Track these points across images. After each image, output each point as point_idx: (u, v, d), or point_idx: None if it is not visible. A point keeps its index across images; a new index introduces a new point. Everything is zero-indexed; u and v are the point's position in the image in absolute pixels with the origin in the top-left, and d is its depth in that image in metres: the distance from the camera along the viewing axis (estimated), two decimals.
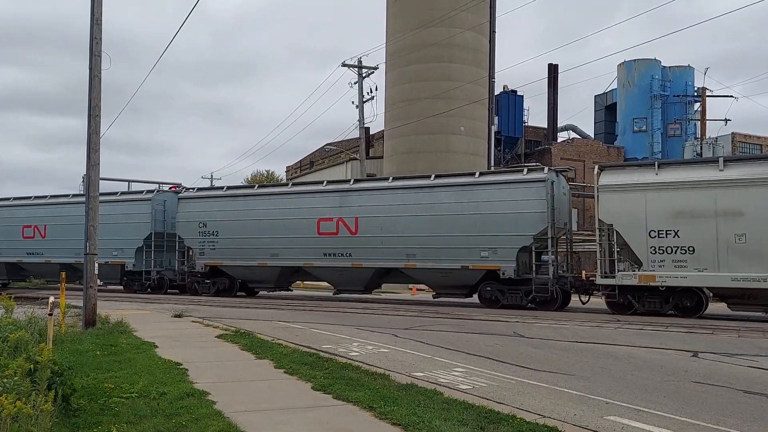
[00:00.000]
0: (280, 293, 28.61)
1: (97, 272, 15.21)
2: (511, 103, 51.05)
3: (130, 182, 50.07)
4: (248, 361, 10.12)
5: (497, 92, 47.54)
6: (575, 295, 21.97)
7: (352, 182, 25.83)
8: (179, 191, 31.41)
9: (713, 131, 48.45)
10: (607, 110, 61.02)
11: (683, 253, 18.47)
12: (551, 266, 21.21)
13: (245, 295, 28.08)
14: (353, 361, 9.90)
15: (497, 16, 45.28)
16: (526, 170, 22.63)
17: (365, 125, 40.46)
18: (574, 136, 59.13)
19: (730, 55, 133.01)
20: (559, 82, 54.42)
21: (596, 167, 21.02)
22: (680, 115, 54.32)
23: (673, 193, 18.80)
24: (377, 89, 39.74)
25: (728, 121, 46.86)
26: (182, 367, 9.24)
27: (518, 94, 51.61)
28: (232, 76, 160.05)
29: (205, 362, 9.85)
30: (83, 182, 32.14)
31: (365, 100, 38.90)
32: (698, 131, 48.00)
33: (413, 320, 17.19)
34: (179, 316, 17.13)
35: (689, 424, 6.49)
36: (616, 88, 58.32)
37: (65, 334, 12.63)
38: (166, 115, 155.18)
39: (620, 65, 56.38)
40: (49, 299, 10.13)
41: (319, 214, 24.78)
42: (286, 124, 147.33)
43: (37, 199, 34.29)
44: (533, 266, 21.38)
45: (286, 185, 27.23)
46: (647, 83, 54.35)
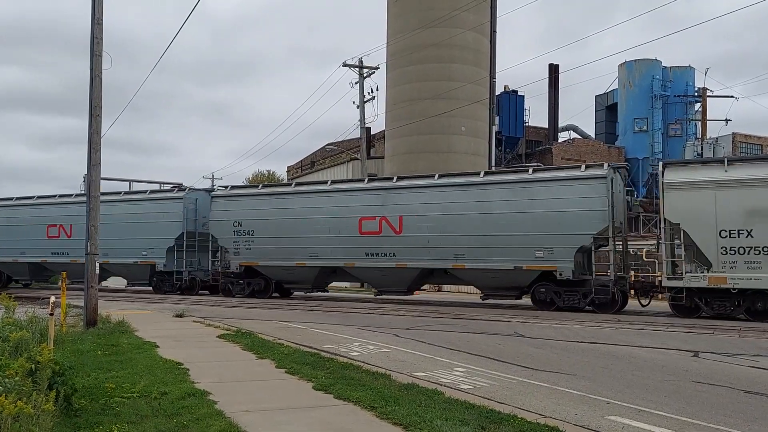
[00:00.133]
0: (317, 294, 27.77)
1: (94, 274, 15.18)
2: (511, 103, 51.03)
3: (131, 182, 50.24)
4: (249, 361, 10.12)
5: (498, 92, 47.51)
6: (631, 297, 21.06)
7: (395, 180, 24.82)
8: (211, 189, 30.62)
9: (714, 131, 48.49)
10: (607, 110, 61.02)
11: (757, 253, 17.68)
12: (612, 267, 20.39)
13: (278, 296, 27.17)
14: (354, 361, 9.90)
15: (498, 16, 45.30)
16: (584, 166, 21.76)
17: (366, 125, 40.50)
18: (574, 136, 59.13)
19: (730, 55, 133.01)
20: (559, 82, 54.49)
21: (660, 164, 20.27)
22: (681, 115, 54.29)
23: (746, 191, 17.94)
24: (378, 89, 39.79)
25: (729, 121, 46.92)
26: (183, 366, 9.24)
27: (519, 94, 51.59)
28: (232, 76, 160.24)
29: (206, 362, 9.86)
30: (84, 182, 31.86)
31: (366, 100, 38.94)
32: (699, 131, 48.03)
33: (414, 320, 17.19)
34: (180, 316, 17.15)
35: (690, 423, 6.50)
36: (616, 88, 58.30)
37: (66, 333, 12.64)
38: (166, 114, 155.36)
39: (621, 65, 56.36)
40: (50, 299, 10.14)
41: (360, 212, 23.97)
42: (286, 124, 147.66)
43: (61, 197, 33.51)
44: (593, 267, 20.49)
45: (325, 183, 26.33)
46: (648, 83, 54.33)
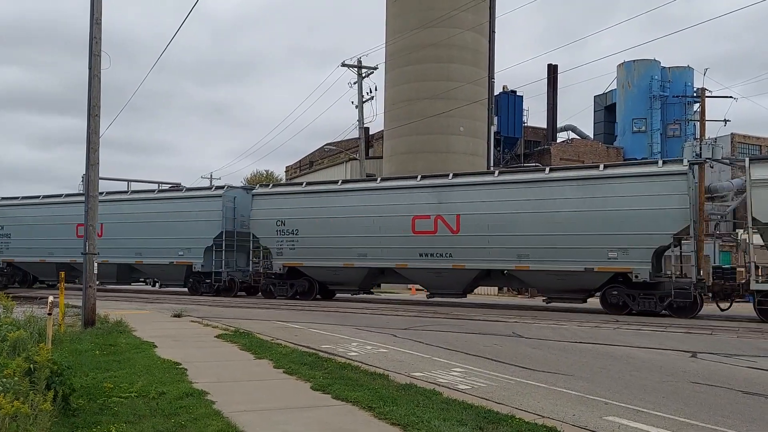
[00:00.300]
0: (363, 297, 26.67)
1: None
2: (510, 103, 51.07)
3: (129, 182, 50.17)
4: (247, 360, 10.12)
5: (497, 92, 47.56)
6: (707, 301, 20.15)
7: (451, 176, 23.36)
8: (252, 187, 29.74)
9: (712, 132, 48.38)
10: (606, 111, 61.11)
11: None
12: (694, 268, 19.56)
13: (320, 297, 25.96)
14: (352, 361, 9.90)
15: (497, 16, 45.36)
16: (661, 161, 20.69)
17: (365, 125, 40.49)
18: (573, 136, 59.19)
19: (729, 55, 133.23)
20: (558, 82, 54.63)
21: (746, 159, 19.47)
22: (679, 115, 54.35)
23: None
24: (377, 89, 39.81)
25: (728, 121, 46.82)
26: (181, 366, 9.24)
27: (518, 94, 51.66)
28: (231, 75, 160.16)
29: (204, 362, 9.85)
30: (83, 182, 31.61)
31: (365, 100, 38.93)
32: (697, 132, 47.89)
33: (412, 320, 17.19)
34: (178, 315, 17.14)
35: (688, 424, 6.50)
36: (615, 88, 58.41)
37: (64, 333, 12.63)
38: (165, 114, 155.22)
39: (620, 66, 56.45)
40: (48, 299, 10.13)
41: (413, 211, 22.93)
42: (285, 124, 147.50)
43: None
44: (666, 268, 19.66)
45: (374, 180, 25.16)
46: (647, 84, 54.42)
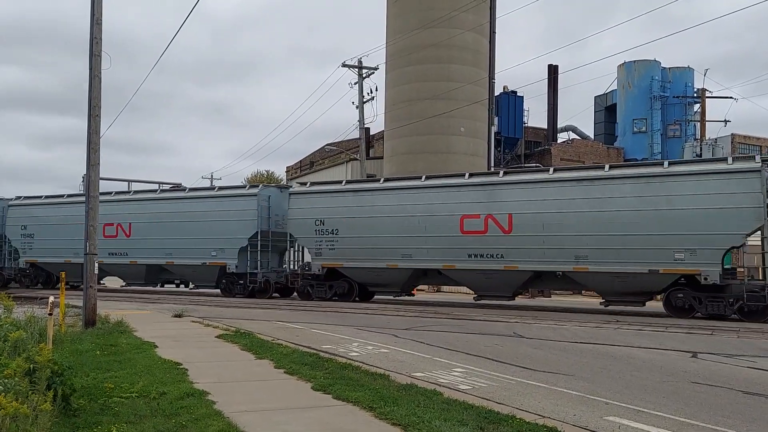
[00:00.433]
0: (403, 299, 25.50)
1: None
2: (511, 103, 51.08)
3: (129, 182, 50.23)
4: (248, 361, 10.12)
5: (497, 93, 47.56)
6: None
7: (501, 174, 22.75)
8: (287, 186, 28.88)
9: (713, 132, 48.60)
10: (606, 111, 61.10)
11: None
12: (766, 270, 18.69)
13: (358, 299, 24.92)
14: (353, 361, 9.90)
15: (497, 16, 45.31)
16: (731, 158, 19.82)
17: (365, 126, 40.50)
18: (573, 136, 59.19)
19: (729, 56, 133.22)
20: (559, 82, 54.52)
21: None
22: (680, 116, 54.37)
23: None
24: (377, 90, 39.81)
25: (728, 122, 46.88)
26: (182, 367, 9.24)
27: (518, 94, 51.66)
28: (231, 75, 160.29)
29: (205, 362, 9.85)
30: (83, 182, 31.36)
31: (365, 100, 38.93)
32: (698, 132, 48.00)
33: (413, 320, 17.19)
34: (179, 316, 17.14)
35: (688, 424, 6.50)
36: (615, 89, 58.41)
37: (65, 333, 12.63)
38: (165, 114, 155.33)
39: (620, 66, 56.44)
40: (49, 299, 10.14)
41: (462, 210, 22.06)
42: (285, 124, 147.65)
43: (118, 194, 32.07)
44: (744, 270, 19.12)
45: (419, 178, 24.33)
46: (647, 84, 54.42)
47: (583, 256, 20.20)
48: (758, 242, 19.73)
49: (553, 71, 53.83)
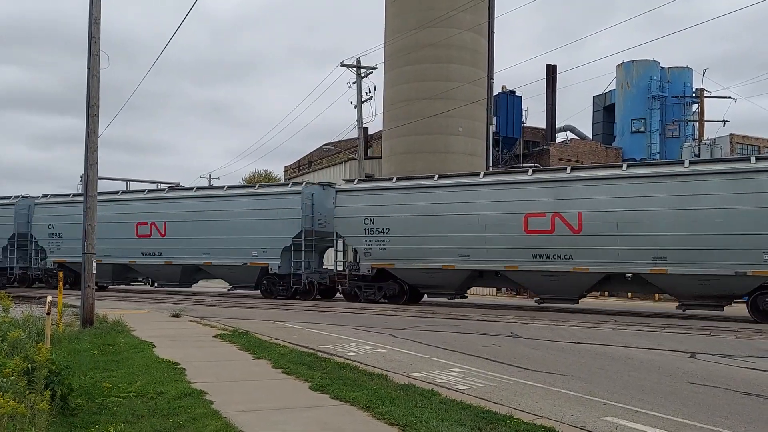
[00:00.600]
0: (458, 302, 24.29)
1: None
2: (509, 103, 51.09)
3: (128, 181, 50.15)
4: (246, 360, 10.12)
5: (496, 93, 47.59)
6: None
7: (569, 171, 21.49)
8: (331, 183, 28.09)
9: (711, 132, 48.57)
10: (605, 111, 61.15)
11: None
12: None
13: (407, 302, 23.82)
14: (351, 361, 9.90)
15: (496, 16, 45.37)
16: None
17: (364, 125, 40.46)
18: (572, 136, 59.23)
19: (728, 56, 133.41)
20: (557, 82, 54.59)
21: None
22: (678, 116, 54.42)
23: None
24: (376, 89, 39.68)
25: (726, 122, 47.01)
26: (180, 366, 9.24)
27: (516, 94, 51.67)
28: (231, 75, 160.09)
29: (202, 362, 9.85)
30: (82, 181, 31.30)
31: (364, 100, 38.88)
32: (696, 132, 48.10)
33: (410, 320, 17.20)
34: (177, 315, 17.13)
35: (686, 425, 6.51)
36: (614, 89, 58.44)
37: (63, 333, 12.63)
38: (164, 114, 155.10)
39: (619, 66, 56.47)
40: (46, 298, 10.13)
41: (525, 208, 21.04)
42: (284, 123, 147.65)
43: (151, 192, 31.35)
44: None
45: (477, 175, 23.28)
46: (645, 84, 54.45)
47: (661, 257, 19.16)
48: None
49: (551, 71, 53.86)
